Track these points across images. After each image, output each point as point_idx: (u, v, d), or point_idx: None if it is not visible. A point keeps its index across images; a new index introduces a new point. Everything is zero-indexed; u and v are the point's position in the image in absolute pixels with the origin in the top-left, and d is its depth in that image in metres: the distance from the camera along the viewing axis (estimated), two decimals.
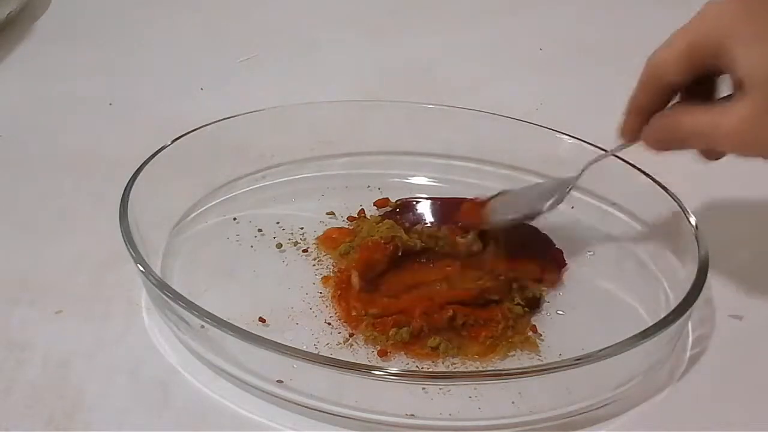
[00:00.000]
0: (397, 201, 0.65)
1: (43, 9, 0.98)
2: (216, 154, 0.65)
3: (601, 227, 0.63)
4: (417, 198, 0.65)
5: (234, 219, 0.63)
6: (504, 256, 0.57)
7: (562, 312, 0.55)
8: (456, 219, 0.60)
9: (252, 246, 0.61)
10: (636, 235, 0.61)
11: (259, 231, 0.62)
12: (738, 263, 0.59)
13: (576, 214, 0.64)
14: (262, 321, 0.53)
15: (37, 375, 0.50)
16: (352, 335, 0.53)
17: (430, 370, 0.51)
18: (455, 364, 0.51)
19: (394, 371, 0.46)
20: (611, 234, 0.63)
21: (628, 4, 1.03)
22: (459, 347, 0.52)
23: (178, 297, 0.49)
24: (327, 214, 0.64)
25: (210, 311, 0.48)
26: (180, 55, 0.90)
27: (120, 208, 0.55)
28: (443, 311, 0.53)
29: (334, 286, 0.56)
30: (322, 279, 0.57)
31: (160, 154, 0.61)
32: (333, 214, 0.64)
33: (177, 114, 0.75)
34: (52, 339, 0.52)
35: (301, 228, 0.62)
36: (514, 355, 0.52)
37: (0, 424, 0.47)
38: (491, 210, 0.59)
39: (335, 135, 0.69)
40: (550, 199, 0.57)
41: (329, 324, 0.54)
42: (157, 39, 0.94)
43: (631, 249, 0.61)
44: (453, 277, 0.56)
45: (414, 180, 0.68)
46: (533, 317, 0.54)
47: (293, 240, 0.61)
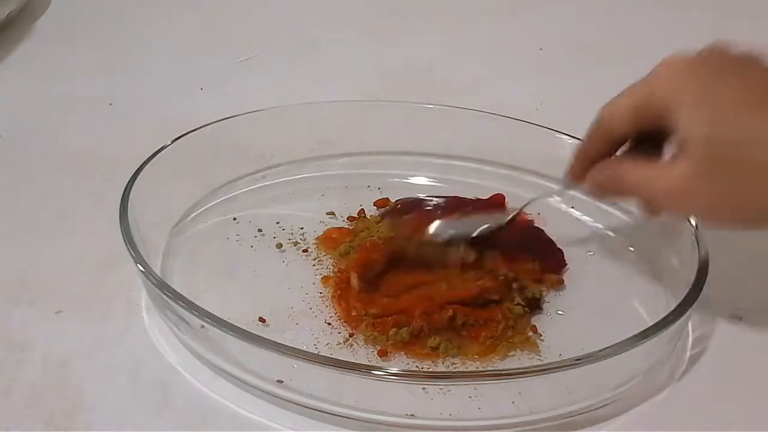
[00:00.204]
0: (397, 201, 0.65)
1: (43, 9, 0.98)
2: (216, 154, 0.65)
3: (601, 227, 0.63)
4: (417, 198, 0.65)
5: (234, 219, 0.63)
6: (500, 261, 0.57)
7: (562, 312, 0.55)
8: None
9: (252, 246, 0.61)
10: (636, 235, 0.61)
11: (259, 231, 0.62)
12: (738, 263, 0.59)
13: (576, 214, 0.64)
14: (262, 321, 0.53)
15: (37, 375, 0.50)
16: (352, 335, 0.53)
17: (430, 370, 0.51)
18: (455, 364, 0.51)
19: (394, 371, 0.46)
20: (611, 234, 0.63)
21: (628, 4, 1.03)
22: (459, 347, 0.52)
23: (178, 297, 0.49)
24: (327, 214, 0.64)
25: (210, 311, 0.48)
26: (180, 55, 0.90)
27: (120, 208, 0.55)
28: (443, 311, 0.53)
29: (334, 286, 0.56)
30: (322, 279, 0.57)
31: (160, 154, 0.61)
32: (333, 214, 0.64)
33: (177, 114, 0.75)
34: (52, 339, 0.52)
35: (301, 228, 0.62)
36: (514, 355, 0.52)
37: (0, 424, 0.47)
38: (434, 228, 0.59)
39: (335, 135, 0.69)
40: (483, 226, 0.59)
41: (329, 324, 0.54)
42: (157, 39, 0.94)
43: (631, 249, 0.61)
44: (453, 277, 0.56)
45: (414, 180, 0.68)
46: (533, 317, 0.54)
47: (293, 240, 0.61)
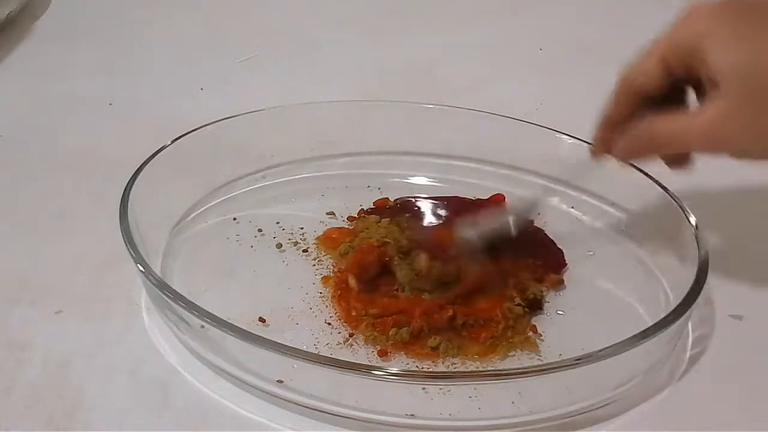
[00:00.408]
0: (397, 200, 0.65)
1: (43, 9, 0.98)
2: (216, 154, 0.65)
3: (601, 227, 0.63)
4: (416, 197, 0.65)
5: (234, 219, 0.63)
6: (483, 275, 0.56)
7: (562, 312, 0.55)
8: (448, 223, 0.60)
9: (252, 246, 0.61)
10: (636, 235, 0.61)
11: (259, 231, 0.62)
12: (738, 263, 0.59)
13: (576, 214, 0.64)
14: (262, 321, 0.53)
15: (37, 375, 0.50)
16: (352, 335, 0.53)
17: (430, 370, 0.51)
18: (455, 364, 0.51)
19: (394, 371, 0.46)
20: (611, 234, 0.63)
21: (628, 4, 1.03)
22: (459, 347, 0.52)
23: (178, 297, 0.49)
24: (327, 214, 0.64)
25: (210, 311, 0.48)
26: (180, 55, 0.90)
27: (120, 208, 0.55)
28: (443, 311, 0.53)
29: (334, 286, 0.56)
30: (322, 279, 0.57)
31: (160, 154, 0.61)
32: (333, 214, 0.64)
33: (177, 114, 0.75)
34: (52, 339, 0.52)
35: (301, 228, 0.62)
36: (514, 355, 0.52)
37: (0, 424, 0.47)
38: (459, 232, 0.58)
39: (335, 135, 0.69)
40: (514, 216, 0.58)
41: (329, 324, 0.54)
42: (157, 39, 0.94)
43: (631, 249, 0.61)
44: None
45: (414, 180, 0.68)
46: (533, 317, 0.54)
47: (293, 240, 0.61)
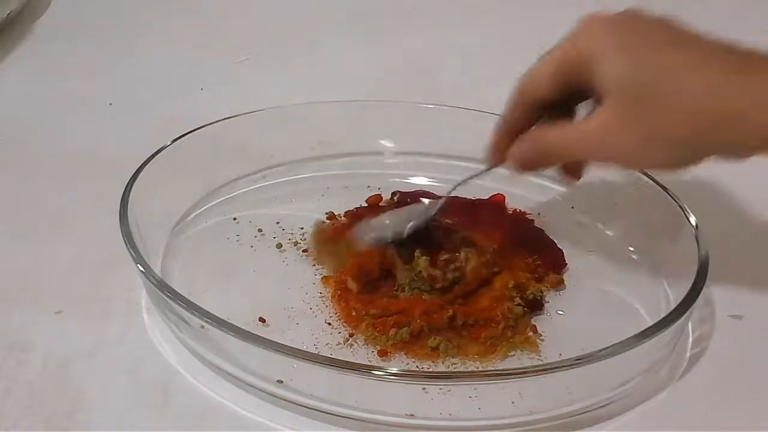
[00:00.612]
0: (394, 193, 0.65)
1: (43, 9, 0.98)
2: (216, 154, 0.65)
3: (601, 227, 0.63)
4: (415, 192, 0.65)
5: (234, 219, 0.63)
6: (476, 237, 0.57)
7: (562, 312, 0.55)
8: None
9: (252, 246, 0.61)
10: (636, 235, 0.61)
11: (259, 231, 0.62)
12: (738, 263, 0.59)
13: (576, 214, 0.64)
14: (262, 321, 0.53)
15: (37, 375, 0.50)
16: (352, 335, 0.53)
17: (430, 370, 0.51)
18: (455, 364, 0.51)
19: (394, 371, 0.46)
20: (611, 234, 0.63)
21: (628, 4, 1.02)
22: (459, 347, 0.52)
23: (178, 297, 0.49)
24: (327, 214, 0.64)
25: (210, 311, 0.48)
26: (180, 55, 0.90)
27: (120, 208, 0.55)
28: (443, 311, 0.53)
29: (334, 286, 0.56)
30: (322, 279, 0.57)
31: (160, 154, 0.61)
32: (333, 214, 0.64)
33: (177, 114, 0.75)
34: (52, 339, 0.52)
35: (301, 228, 0.62)
36: (514, 355, 0.52)
37: (0, 424, 0.47)
38: (357, 231, 0.59)
39: (335, 135, 0.69)
40: (410, 222, 0.58)
41: (329, 324, 0.54)
42: (157, 39, 0.94)
43: (631, 249, 0.61)
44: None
45: (414, 180, 0.68)
46: (533, 317, 0.54)
47: (293, 240, 0.61)
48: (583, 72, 0.49)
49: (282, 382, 0.47)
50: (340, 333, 0.53)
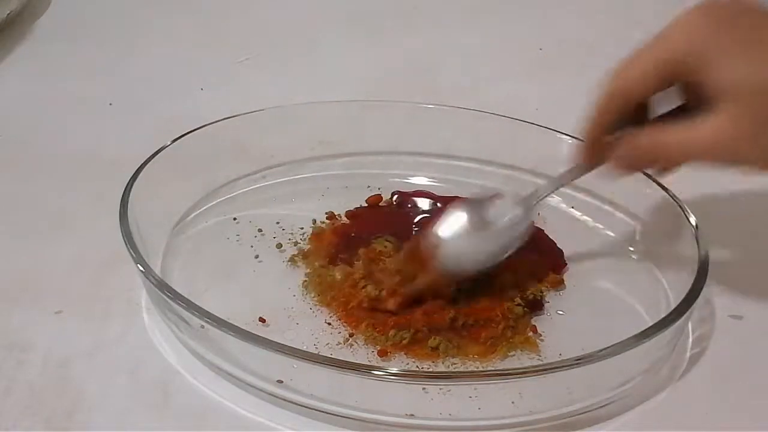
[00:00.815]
0: (394, 193, 0.65)
1: (43, 9, 0.98)
2: (216, 154, 0.65)
3: (601, 227, 0.63)
4: (415, 192, 0.66)
5: (234, 219, 0.63)
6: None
7: (562, 312, 0.55)
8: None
9: (252, 246, 0.61)
10: (636, 235, 0.61)
11: (259, 231, 0.62)
12: (738, 263, 0.59)
13: (576, 214, 0.64)
14: (262, 321, 0.53)
15: (37, 375, 0.50)
16: (352, 335, 0.53)
17: (430, 370, 0.51)
18: (455, 364, 0.51)
19: (394, 371, 0.46)
20: (611, 234, 0.63)
21: (628, 4, 1.03)
22: (459, 347, 0.52)
23: (178, 297, 0.49)
24: (326, 214, 0.64)
25: (210, 311, 0.48)
26: (180, 55, 0.90)
27: (120, 208, 0.55)
28: (443, 311, 0.53)
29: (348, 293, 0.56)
30: None
31: (160, 154, 0.61)
32: (333, 214, 0.64)
33: (177, 114, 0.75)
34: (52, 339, 0.52)
35: (301, 228, 0.62)
36: (514, 355, 0.52)
37: (0, 424, 0.47)
38: (438, 258, 0.54)
39: (335, 135, 0.69)
40: (509, 242, 0.55)
41: (329, 324, 0.54)
42: (157, 39, 0.94)
43: (631, 249, 0.61)
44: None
45: (414, 180, 0.68)
46: (533, 317, 0.54)
47: (293, 240, 0.61)
48: (691, 72, 0.47)
49: (282, 382, 0.47)
50: (340, 333, 0.53)
